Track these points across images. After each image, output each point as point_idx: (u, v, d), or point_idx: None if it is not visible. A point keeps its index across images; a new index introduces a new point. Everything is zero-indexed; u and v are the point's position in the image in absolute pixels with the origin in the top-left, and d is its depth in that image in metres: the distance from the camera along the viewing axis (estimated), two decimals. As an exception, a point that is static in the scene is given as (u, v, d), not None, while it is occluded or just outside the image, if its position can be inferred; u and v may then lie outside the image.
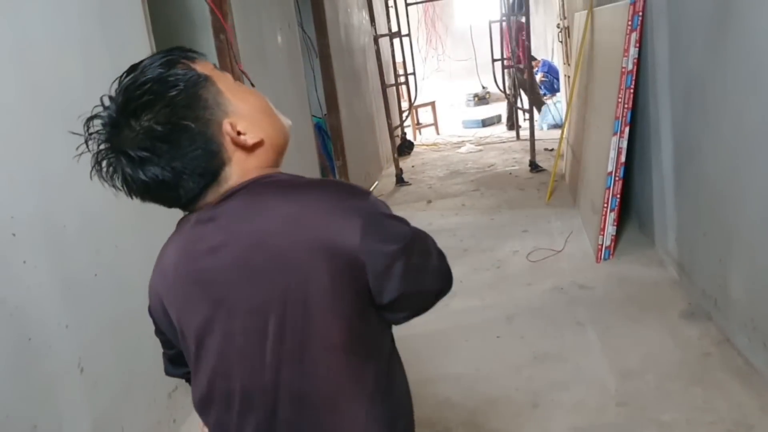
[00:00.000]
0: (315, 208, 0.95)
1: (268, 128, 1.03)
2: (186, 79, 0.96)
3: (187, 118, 0.95)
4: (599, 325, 3.07)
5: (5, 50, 1.87)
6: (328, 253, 0.93)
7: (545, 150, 7.20)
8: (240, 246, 0.98)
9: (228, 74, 1.04)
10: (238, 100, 1.01)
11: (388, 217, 0.99)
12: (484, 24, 8.59)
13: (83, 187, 2.14)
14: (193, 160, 0.96)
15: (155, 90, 0.95)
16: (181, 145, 0.95)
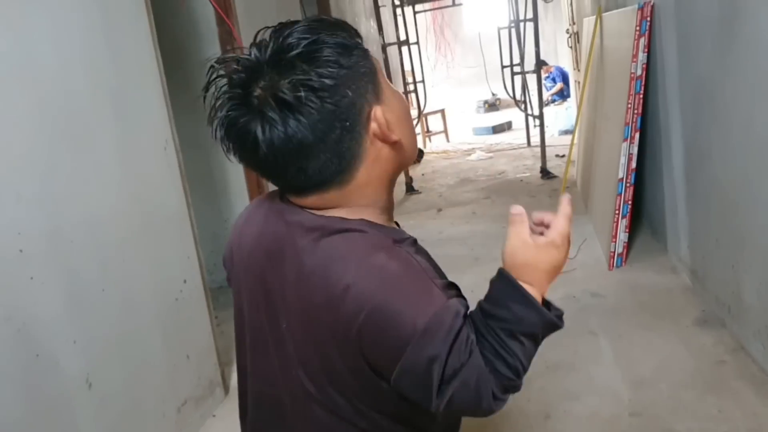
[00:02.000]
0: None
1: (406, 133, 0.96)
2: (364, 56, 0.90)
3: (346, 85, 0.85)
4: (612, 334, 3.03)
5: (11, 66, 1.88)
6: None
7: (556, 156, 7.17)
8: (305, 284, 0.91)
9: (384, 78, 0.95)
10: (392, 95, 0.94)
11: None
12: (493, 31, 8.58)
13: (90, 202, 2.15)
14: (336, 141, 0.87)
15: (336, 51, 0.86)
16: (331, 118, 0.85)
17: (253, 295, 1.01)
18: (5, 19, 1.88)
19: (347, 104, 0.86)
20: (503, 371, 0.86)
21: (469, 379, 0.84)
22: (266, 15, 4.09)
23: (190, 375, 2.69)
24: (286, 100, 0.83)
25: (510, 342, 0.86)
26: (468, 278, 3.95)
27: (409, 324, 0.82)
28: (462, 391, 0.84)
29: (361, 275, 0.86)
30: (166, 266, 2.59)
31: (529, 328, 0.87)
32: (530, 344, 0.88)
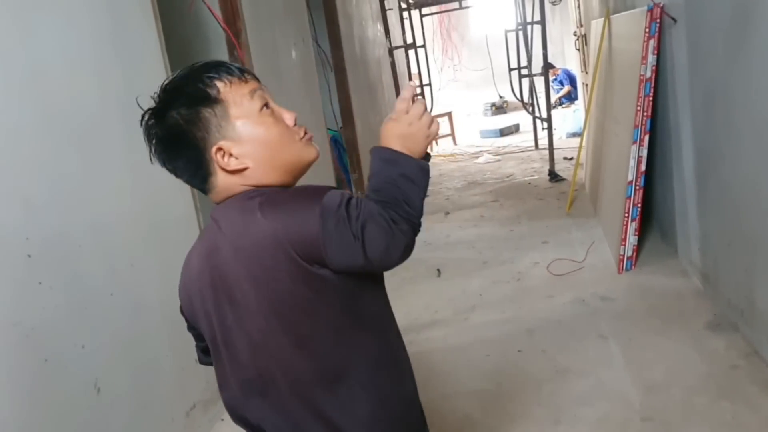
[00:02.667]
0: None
1: (262, 158, 1.17)
2: (199, 96, 1.14)
3: (185, 131, 1.14)
4: (622, 338, 3.01)
5: (19, 72, 1.88)
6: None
7: (564, 159, 7.14)
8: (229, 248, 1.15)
9: (258, 102, 1.18)
10: (244, 129, 1.16)
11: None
12: (500, 33, 8.57)
13: (98, 207, 2.15)
14: (185, 164, 1.18)
15: (170, 98, 1.15)
16: (177, 150, 1.17)
17: (210, 311, 1.21)
18: (14, 25, 1.88)
19: (185, 146, 1.16)
20: (393, 203, 1.08)
21: (370, 217, 1.06)
22: (273, 20, 4.09)
23: (199, 378, 2.68)
24: (152, 147, 1.19)
25: (388, 184, 1.09)
26: (476, 282, 3.96)
27: (314, 212, 1.07)
28: (370, 229, 1.06)
29: (266, 205, 1.11)
30: (174, 270, 2.55)
31: (396, 170, 1.10)
32: (406, 183, 1.10)
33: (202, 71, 1.16)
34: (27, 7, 1.94)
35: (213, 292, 1.18)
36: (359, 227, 1.06)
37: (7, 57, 1.84)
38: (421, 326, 3.45)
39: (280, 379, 1.17)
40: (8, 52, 1.85)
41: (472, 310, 3.57)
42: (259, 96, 1.18)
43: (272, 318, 1.14)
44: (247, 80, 1.18)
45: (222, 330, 1.20)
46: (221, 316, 1.19)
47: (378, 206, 1.07)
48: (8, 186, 1.79)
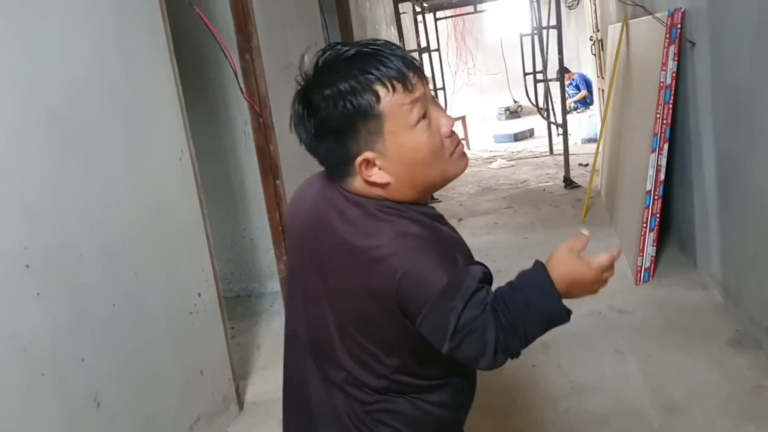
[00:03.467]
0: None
1: (404, 176, 1.11)
2: (353, 108, 1.05)
3: (335, 132, 1.08)
4: (640, 353, 2.91)
5: (20, 74, 1.82)
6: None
7: (580, 165, 7.04)
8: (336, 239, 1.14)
9: (416, 113, 1.08)
10: (393, 145, 1.08)
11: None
12: (515, 37, 8.48)
13: (101, 215, 2.09)
14: (325, 156, 1.14)
15: (332, 99, 1.06)
16: (320, 142, 1.11)
17: (302, 257, 1.22)
18: (15, 26, 1.82)
19: (332, 142, 1.10)
20: (510, 332, 1.02)
21: (479, 330, 1.01)
22: (285, 24, 4.03)
23: (204, 391, 2.61)
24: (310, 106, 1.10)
25: (523, 311, 1.02)
26: (490, 292, 3.87)
27: (435, 283, 1.02)
28: (471, 339, 1.02)
29: (398, 242, 1.06)
30: (179, 279, 2.53)
31: (541, 304, 1.02)
32: (538, 321, 1.03)
33: (369, 67, 1.06)
34: (30, 8, 1.88)
35: (310, 248, 1.19)
36: (464, 330, 1.02)
37: (9, 59, 1.79)
38: (432, 337, 3.37)
39: (325, 366, 1.21)
40: (10, 54, 1.79)
41: (485, 322, 3.48)
42: (419, 107, 1.09)
43: (340, 323, 1.17)
44: (413, 87, 1.08)
45: (303, 282, 1.22)
46: (306, 272, 1.21)
47: (495, 326, 1.01)
48: (6, 193, 1.74)
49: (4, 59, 1.77)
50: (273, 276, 4.16)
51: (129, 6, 2.37)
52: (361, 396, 1.19)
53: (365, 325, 1.13)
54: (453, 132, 1.15)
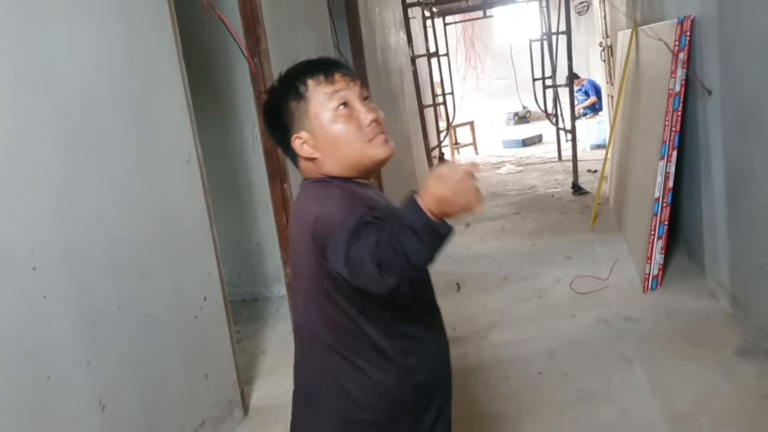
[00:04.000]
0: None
1: (329, 151, 1.34)
2: (288, 92, 1.34)
3: (276, 116, 1.37)
4: (647, 362, 2.89)
5: (29, 78, 1.83)
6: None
7: (588, 171, 7.01)
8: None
9: (335, 101, 1.33)
10: (317, 124, 1.33)
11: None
12: (524, 42, 8.47)
13: (107, 218, 2.09)
14: (277, 141, 1.40)
15: (277, 83, 1.38)
16: (272, 127, 1.41)
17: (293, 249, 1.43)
18: (25, 30, 1.83)
19: (276, 125, 1.39)
20: (388, 249, 1.12)
21: (365, 252, 1.14)
22: (294, 27, 4.03)
23: (209, 395, 2.61)
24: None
25: (397, 231, 1.11)
26: (497, 298, 3.86)
27: (335, 223, 1.22)
28: (360, 263, 1.15)
29: (321, 201, 1.31)
30: (185, 283, 2.53)
31: (410, 221, 1.11)
32: (412, 236, 1.11)
33: (305, 67, 1.35)
34: (39, 13, 1.89)
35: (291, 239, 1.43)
36: (354, 255, 1.17)
37: (19, 63, 1.80)
38: (438, 343, 3.36)
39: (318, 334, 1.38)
40: (20, 57, 1.80)
41: (492, 328, 3.47)
42: (339, 96, 1.32)
43: (309, 284, 1.34)
44: (335, 81, 1.33)
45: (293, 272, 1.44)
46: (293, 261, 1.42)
47: (376, 247, 1.13)
48: (14, 195, 1.74)
49: (14, 63, 1.78)
50: (279, 280, 4.16)
51: (137, 9, 2.38)
52: (332, 358, 1.37)
53: (314, 282, 1.33)
54: (375, 122, 1.33)
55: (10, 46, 1.78)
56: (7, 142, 1.74)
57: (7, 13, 1.78)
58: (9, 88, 1.76)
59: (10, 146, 1.74)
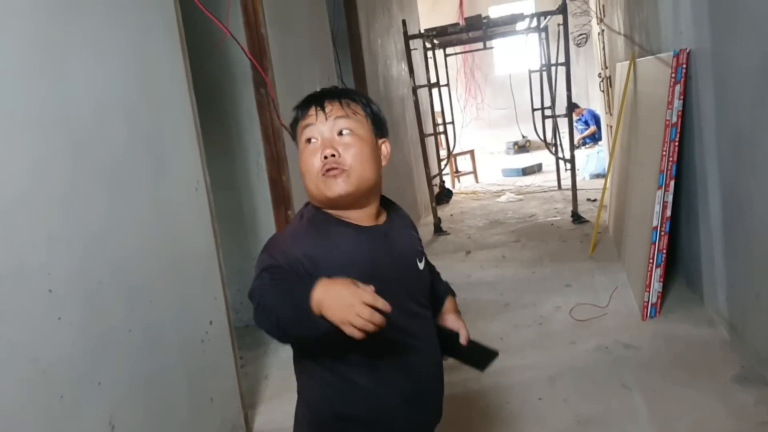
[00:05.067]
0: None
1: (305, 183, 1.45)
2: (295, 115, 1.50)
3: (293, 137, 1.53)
4: (646, 389, 2.93)
5: (51, 110, 1.90)
6: None
7: (588, 200, 7.09)
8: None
9: (304, 136, 1.45)
10: (299, 150, 1.47)
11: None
12: (524, 73, 8.60)
13: (121, 244, 2.15)
14: None
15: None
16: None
17: None
18: (46, 62, 1.91)
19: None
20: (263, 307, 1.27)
21: (253, 297, 1.30)
22: (300, 58, 4.14)
23: (213, 418, 2.65)
24: None
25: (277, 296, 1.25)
26: (497, 326, 3.90)
27: (263, 253, 1.40)
28: (252, 302, 1.30)
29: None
30: (192, 307, 2.58)
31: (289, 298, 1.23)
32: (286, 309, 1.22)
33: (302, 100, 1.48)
34: (59, 44, 1.97)
35: None
36: (251, 295, 1.30)
37: (39, 93, 1.87)
38: (439, 369, 3.39)
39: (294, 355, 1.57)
40: (40, 88, 1.88)
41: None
42: (306, 131, 1.42)
43: None
44: (306, 116, 1.43)
45: None
46: None
47: (258, 298, 1.28)
48: (34, 221, 1.80)
49: (35, 93, 1.85)
50: (282, 306, 4.19)
51: (151, 42, 2.47)
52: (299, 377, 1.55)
53: None
54: (327, 158, 1.39)
55: (34, 78, 1.85)
56: (28, 170, 1.80)
57: (32, 45, 1.86)
58: (31, 119, 1.83)
59: (30, 174, 1.81)
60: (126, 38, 2.32)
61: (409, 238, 1.58)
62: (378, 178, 1.48)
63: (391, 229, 1.52)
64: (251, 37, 3.49)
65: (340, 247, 1.40)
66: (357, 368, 1.43)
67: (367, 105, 1.49)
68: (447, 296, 1.73)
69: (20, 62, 1.81)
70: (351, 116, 1.43)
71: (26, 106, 1.82)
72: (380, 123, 1.52)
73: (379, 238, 1.47)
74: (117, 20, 2.27)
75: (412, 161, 7.30)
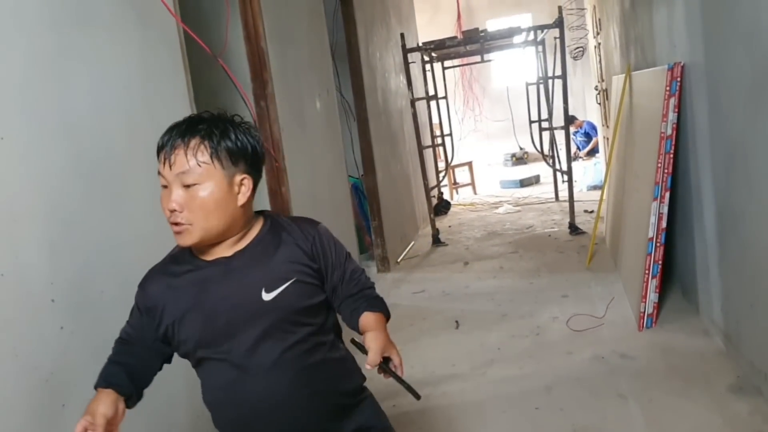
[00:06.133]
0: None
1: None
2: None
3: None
4: (642, 398, 2.95)
5: (55, 121, 1.94)
6: None
7: (585, 212, 7.13)
8: None
9: (161, 182, 1.51)
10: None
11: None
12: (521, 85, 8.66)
13: (122, 253, 2.18)
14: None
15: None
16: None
17: None
18: (51, 74, 1.95)
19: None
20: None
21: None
22: (299, 72, 4.18)
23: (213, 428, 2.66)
24: None
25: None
26: (495, 335, 3.93)
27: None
28: None
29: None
30: (193, 317, 2.60)
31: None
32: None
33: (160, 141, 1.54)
34: (65, 57, 2.01)
35: None
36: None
37: (44, 105, 1.91)
38: (438, 380, 3.42)
39: None
40: (45, 99, 1.91)
41: (490, 365, 3.53)
42: (161, 178, 1.48)
43: None
44: (159, 160, 1.49)
45: None
46: None
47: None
48: (35, 231, 1.83)
49: (40, 105, 1.89)
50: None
51: (154, 57, 2.51)
52: None
53: None
54: (173, 211, 1.46)
55: (39, 90, 1.89)
56: (30, 180, 1.83)
57: (36, 58, 1.89)
58: (34, 130, 1.86)
59: (33, 185, 1.84)
60: (128, 52, 2.35)
61: (267, 267, 1.53)
62: (229, 220, 1.49)
63: (243, 258, 1.53)
64: (251, 50, 3.54)
65: (178, 290, 1.56)
66: (204, 389, 1.69)
67: (218, 143, 1.45)
68: (363, 313, 1.60)
69: (25, 75, 1.85)
70: (194, 168, 1.44)
71: (30, 117, 1.85)
72: (241, 156, 1.48)
73: (218, 274, 1.53)
74: (119, 34, 2.31)
75: (410, 173, 7.35)
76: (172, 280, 1.57)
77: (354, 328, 1.62)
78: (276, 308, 1.50)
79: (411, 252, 6.54)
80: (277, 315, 1.50)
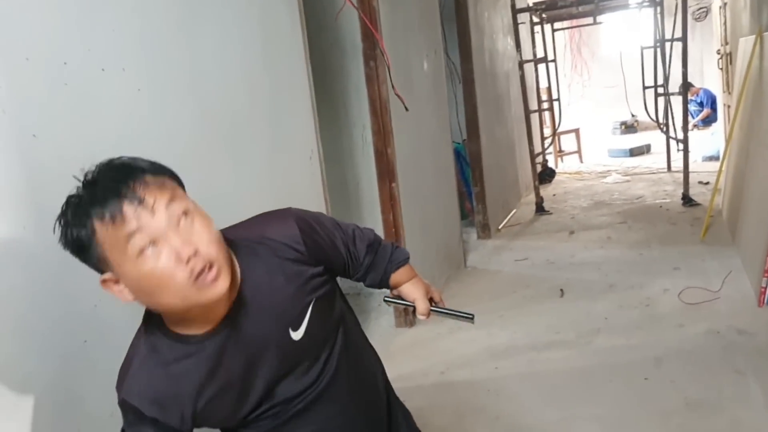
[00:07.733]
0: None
1: (142, 300, 1.09)
2: (75, 239, 1.03)
3: (75, 254, 1.06)
4: (762, 375, 2.80)
5: (184, 80, 2.03)
6: None
7: (699, 183, 6.77)
8: None
9: (136, 246, 1.01)
10: (121, 274, 1.05)
11: None
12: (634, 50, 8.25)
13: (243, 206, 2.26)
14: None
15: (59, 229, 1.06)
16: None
17: None
18: (180, 34, 2.03)
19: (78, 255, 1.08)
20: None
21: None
22: (408, 32, 4.16)
23: None
24: None
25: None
26: (601, 305, 3.83)
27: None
28: None
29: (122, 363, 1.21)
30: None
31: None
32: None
33: (88, 201, 1.01)
34: (192, 18, 2.09)
35: None
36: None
37: (175, 64, 2.00)
38: (542, 346, 3.39)
39: None
40: (176, 59, 2.00)
41: (596, 334, 3.46)
42: (135, 241, 1.01)
43: None
44: (125, 221, 1.00)
45: None
46: None
47: None
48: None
49: (172, 64, 1.98)
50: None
51: (273, 18, 2.56)
52: None
53: None
54: (191, 257, 1.03)
55: (170, 49, 1.98)
56: (163, 134, 1.93)
57: (167, 20, 1.98)
58: (167, 88, 1.96)
59: (164, 139, 1.94)
60: (250, 14, 2.42)
61: (278, 304, 1.22)
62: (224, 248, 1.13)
63: (242, 315, 1.17)
64: (364, 10, 3.55)
65: (184, 388, 1.15)
66: None
67: (158, 169, 1.12)
68: (390, 274, 1.47)
69: (160, 37, 1.94)
70: (175, 193, 1.09)
71: (166, 75, 1.95)
72: (177, 178, 1.17)
73: (228, 345, 1.17)
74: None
75: (515, 138, 7.20)
76: (173, 367, 1.15)
77: (385, 287, 1.50)
78: (311, 340, 1.27)
79: (512, 220, 6.44)
80: (314, 344, 1.29)
